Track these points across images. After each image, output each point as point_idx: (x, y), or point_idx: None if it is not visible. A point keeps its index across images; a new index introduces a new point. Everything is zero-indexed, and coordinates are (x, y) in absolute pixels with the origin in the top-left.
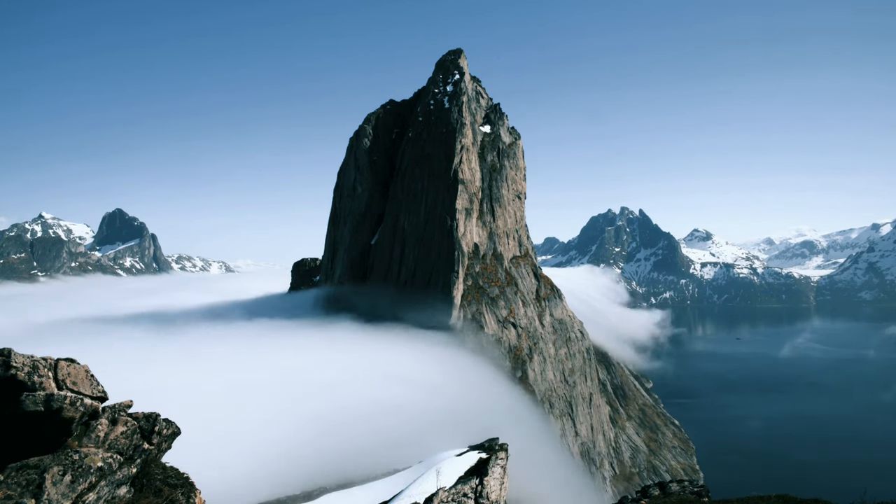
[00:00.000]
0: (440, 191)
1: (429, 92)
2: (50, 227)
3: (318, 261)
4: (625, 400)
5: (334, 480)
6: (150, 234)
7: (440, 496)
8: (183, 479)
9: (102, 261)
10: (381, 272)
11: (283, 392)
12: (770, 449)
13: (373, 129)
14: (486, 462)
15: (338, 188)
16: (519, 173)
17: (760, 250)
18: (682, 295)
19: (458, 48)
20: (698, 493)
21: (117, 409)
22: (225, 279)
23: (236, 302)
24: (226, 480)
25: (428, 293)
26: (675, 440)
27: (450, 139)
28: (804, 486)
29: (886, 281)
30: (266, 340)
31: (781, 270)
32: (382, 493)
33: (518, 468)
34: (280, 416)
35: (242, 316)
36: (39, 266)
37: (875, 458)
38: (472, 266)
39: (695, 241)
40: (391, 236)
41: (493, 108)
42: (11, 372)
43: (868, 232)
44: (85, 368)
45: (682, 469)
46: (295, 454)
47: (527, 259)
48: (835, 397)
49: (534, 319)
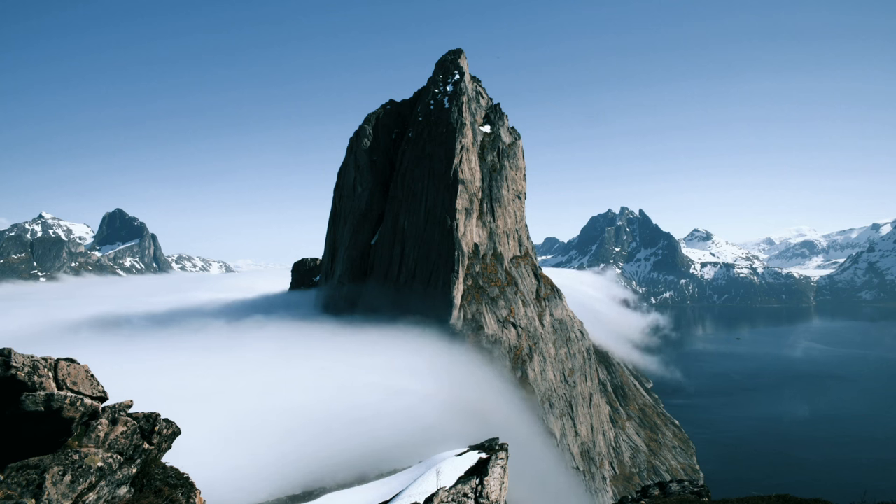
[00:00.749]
0: (440, 191)
1: (429, 92)
2: (50, 227)
3: (318, 261)
4: (625, 400)
5: (334, 480)
6: (151, 234)
7: (440, 496)
8: (183, 479)
9: (102, 261)
10: (381, 272)
11: (284, 392)
12: (770, 449)
13: (373, 128)
14: (487, 462)
15: (338, 188)
16: (519, 173)
17: (760, 250)
18: (682, 295)
19: (458, 48)
20: (698, 493)
21: (117, 409)
22: (225, 279)
23: (236, 302)
24: (226, 480)
25: (428, 293)
26: (675, 440)
27: (450, 139)
28: (804, 486)
29: (886, 281)
30: (266, 341)
31: (781, 270)
32: (382, 493)
33: (518, 468)
34: (280, 416)
35: (242, 316)
36: (39, 266)
37: (875, 458)
38: (472, 266)
39: (695, 241)
40: (391, 236)
41: (493, 108)
42: (11, 372)
43: (868, 232)
44: (85, 368)
45: (682, 469)
46: (295, 454)
47: (527, 259)
48: (835, 397)
49: (534, 319)
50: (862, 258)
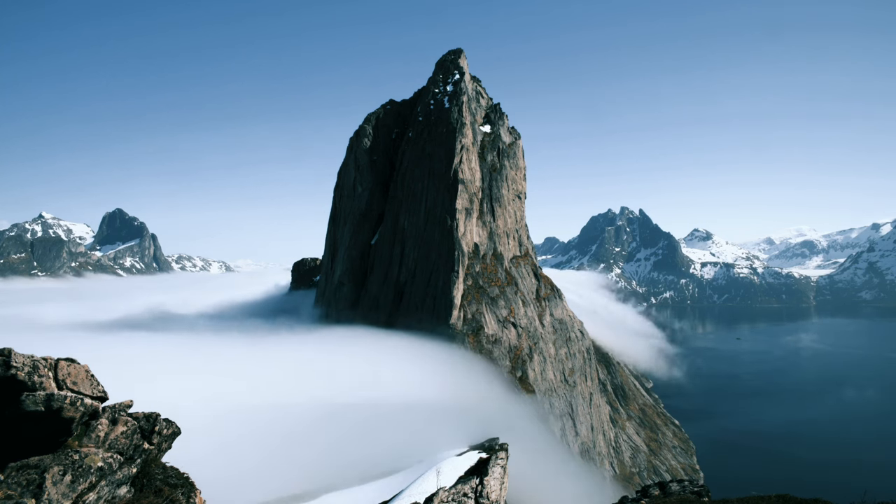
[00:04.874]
0: (440, 191)
1: (429, 92)
2: (50, 227)
3: (318, 260)
4: (625, 400)
5: (335, 480)
6: (151, 234)
7: (440, 496)
8: (183, 479)
9: (102, 260)
10: (381, 272)
11: (284, 393)
12: (770, 449)
13: (373, 128)
14: (487, 462)
15: (338, 188)
16: (519, 173)
17: (760, 250)
18: (682, 295)
19: (459, 48)
20: (698, 493)
21: (117, 409)
22: (225, 279)
23: (236, 302)
24: (226, 480)
25: (428, 293)
26: (675, 440)
27: (450, 139)
28: (804, 485)
29: (886, 281)
30: (266, 341)
31: (781, 270)
32: (382, 492)
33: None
34: (280, 416)
35: (242, 316)
36: (40, 266)
37: (875, 458)
38: (472, 266)
39: (695, 240)
40: (391, 236)
41: (493, 108)
42: (11, 372)
43: (868, 232)
44: (85, 368)
45: (682, 469)
46: (295, 454)
47: (527, 259)
48: (835, 397)
49: (534, 319)
50: (862, 258)
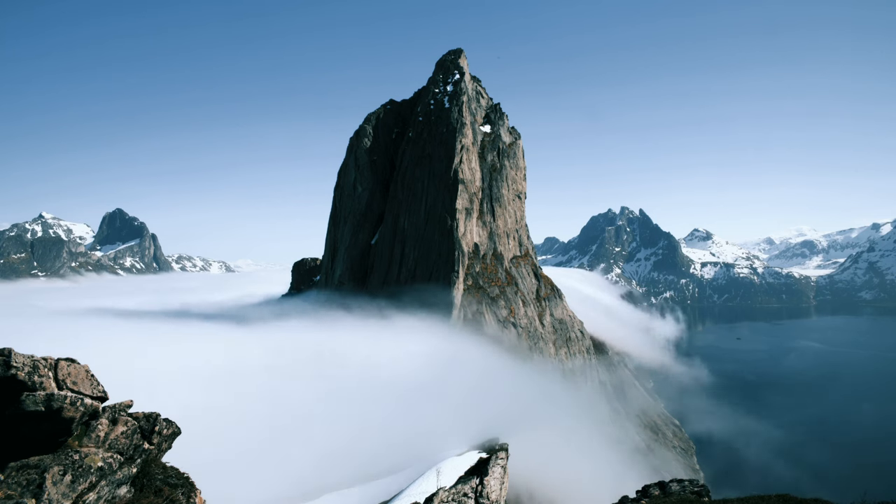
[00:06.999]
0: (440, 191)
1: (429, 92)
2: (50, 227)
3: (319, 260)
4: (625, 400)
5: (335, 480)
6: (151, 234)
7: (440, 496)
8: (183, 479)
9: (103, 260)
10: (382, 272)
11: (283, 393)
12: (770, 449)
13: (373, 128)
14: (487, 462)
15: (338, 188)
16: (519, 173)
17: (760, 250)
18: (682, 295)
19: (459, 48)
20: (698, 493)
21: (117, 409)
22: (225, 279)
23: (236, 302)
24: (226, 480)
25: (428, 293)
26: (675, 440)
27: (450, 139)
28: (804, 486)
29: (887, 281)
30: (266, 341)
31: (781, 270)
32: (382, 492)
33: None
34: (280, 416)
35: (242, 316)
36: (40, 266)
37: (875, 459)
38: (472, 266)
39: (695, 240)
40: (391, 236)
41: (493, 108)
42: (11, 372)
43: (868, 232)
44: (85, 368)
45: (682, 469)
46: (295, 454)
47: (527, 259)
48: (835, 397)
49: (534, 319)
50: (862, 258)
